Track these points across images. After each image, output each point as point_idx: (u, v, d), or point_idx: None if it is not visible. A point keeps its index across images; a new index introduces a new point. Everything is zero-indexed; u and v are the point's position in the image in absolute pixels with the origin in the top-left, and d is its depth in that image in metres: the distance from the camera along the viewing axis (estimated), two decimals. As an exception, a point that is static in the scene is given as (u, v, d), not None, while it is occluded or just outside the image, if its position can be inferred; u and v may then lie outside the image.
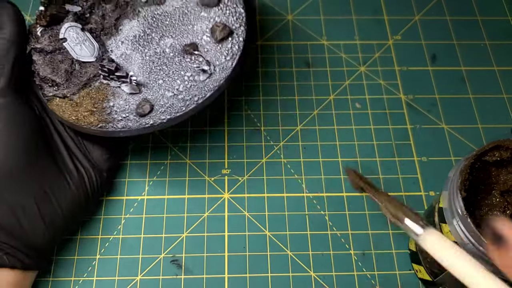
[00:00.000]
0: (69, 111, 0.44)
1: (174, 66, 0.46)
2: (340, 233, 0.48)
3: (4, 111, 0.41)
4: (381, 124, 0.54)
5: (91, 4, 0.48)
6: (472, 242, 0.35)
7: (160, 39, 0.47)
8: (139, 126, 0.43)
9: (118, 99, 0.44)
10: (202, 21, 0.48)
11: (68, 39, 0.46)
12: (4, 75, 0.42)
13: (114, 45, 0.47)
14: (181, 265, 0.46)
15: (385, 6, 0.63)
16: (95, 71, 0.45)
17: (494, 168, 0.41)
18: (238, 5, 0.48)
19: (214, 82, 0.44)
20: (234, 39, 0.46)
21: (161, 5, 0.49)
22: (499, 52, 0.59)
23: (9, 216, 0.40)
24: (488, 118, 0.55)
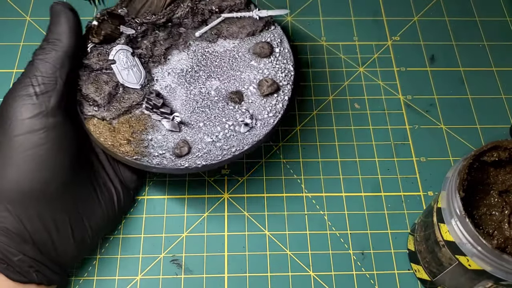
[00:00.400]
0: (106, 135, 0.43)
1: (216, 111, 0.45)
2: (339, 232, 0.49)
3: (54, 131, 0.40)
4: (380, 125, 0.55)
5: (145, 29, 0.47)
6: (470, 242, 0.35)
7: (206, 79, 0.46)
8: (174, 166, 0.42)
9: (157, 133, 0.44)
10: (251, 70, 0.47)
11: (117, 61, 0.45)
12: (56, 93, 0.40)
13: (160, 74, 0.46)
14: (181, 264, 0.47)
15: (384, 7, 0.63)
16: (138, 98, 0.44)
17: (493, 168, 0.41)
18: (289, 62, 0.47)
19: (254, 136, 0.44)
20: (280, 96, 0.46)
21: (213, 44, 0.48)
22: (497, 52, 0.60)
23: (43, 233, 0.40)
24: (487, 118, 0.55)
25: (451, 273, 0.39)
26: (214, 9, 0.48)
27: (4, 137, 0.39)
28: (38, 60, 0.41)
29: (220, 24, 0.48)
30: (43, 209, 0.40)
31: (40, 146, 0.39)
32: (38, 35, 0.59)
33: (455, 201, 0.36)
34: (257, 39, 0.48)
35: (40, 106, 0.39)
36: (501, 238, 0.39)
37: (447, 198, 0.38)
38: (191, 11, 0.48)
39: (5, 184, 0.38)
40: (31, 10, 0.61)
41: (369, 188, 0.51)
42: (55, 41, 0.41)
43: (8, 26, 0.60)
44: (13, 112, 0.39)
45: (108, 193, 0.45)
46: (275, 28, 0.49)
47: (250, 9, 0.49)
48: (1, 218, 0.39)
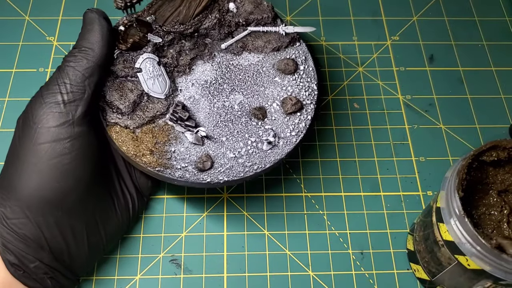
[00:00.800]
0: (128, 143, 0.42)
1: (239, 126, 0.45)
2: (338, 232, 0.49)
3: (79, 140, 0.39)
4: (379, 124, 0.55)
5: (172, 39, 0.46)
6: (470, 242, 0.35)
7: (230, 92, 0.46)
8: (196, 180, 0.42)
9: (179, 145, 0.43)
10: (275, 86, 0.46)
11: (144, 70, 0.44)
12: (83, 102, 0.40)
13: (184, 84, 0.46)
14: (180, 264, 0.47)
15: (383, 7, 0.63)
16: (162, 108, 0.44)
17: (492, 168, 0.41)
18: (313, 80, 0.47)
19: (276, 154, 0.44)
20: (303, 115, 0.45)
21: (238, 56, 0.48)
22: (496, 52, 0.60)
23: (60, 240, 0.40)
24: (486, 118, 0.55)
25: (450, 272, 0.40)
26: (241, 22, 0.48)
27: (29, 143, 0.39)
28: (68, 67, 0.40)
29: (246, 37, 0.48)
30: (62, 217, 0.40)
31: (65, 155, 0.39)
32: (37, 35, 0.59)
33: (454, 201, 0.36)
34: (282, 55, 0.48)
35: (67, 115, 0.39)
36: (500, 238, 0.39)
37: (446, 198, 0.38)
38: (218, 22, 0.47)
39: (27, 191, 0.38)
40: (30, 10, 0.61)
41: (369, 188, 0.51)
42: (87, 50, 0.41)
43: (7, 26, 0.59)
44: (39, 119, 0.39)
45: (124, 201, 0.45)
46: (300, 45, 0.48)
47: (277, 24, 0.48)
48: (20, 225, 0.38)
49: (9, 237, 0.38)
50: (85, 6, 0.61)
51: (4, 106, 0.54)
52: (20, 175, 0.38)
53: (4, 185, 0.39)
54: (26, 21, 0.60)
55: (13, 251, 0.38)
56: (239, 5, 0.48)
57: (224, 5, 0.48)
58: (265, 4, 0.48)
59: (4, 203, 0.39)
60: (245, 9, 0.48)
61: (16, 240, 0.38)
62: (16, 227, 0.38)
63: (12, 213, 0.38)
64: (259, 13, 0.48)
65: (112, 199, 0.44)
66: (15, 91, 0.55)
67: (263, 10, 0.48)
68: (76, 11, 0.61)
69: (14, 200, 0.38)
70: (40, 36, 0.59)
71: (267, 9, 0.48)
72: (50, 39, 0.59)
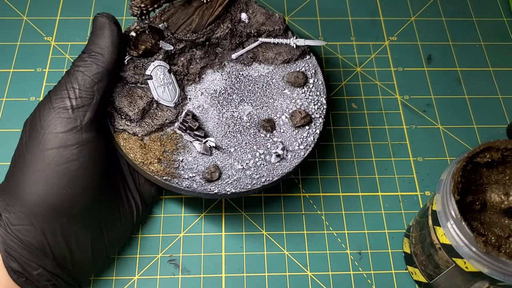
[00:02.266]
0: (136, 151, 0.42)
1: (248, 137, 0.44)
2: (336, 232, 0.49)
3: (87, 146, 0.39)
4: (377, 125, 0.55)
5: (183, 47, 0.46)
6: (467, 245, 0.35)
7: (239, 103, 0.46)
8: (203, 190, 0.42)
9: (187, 154, 0.43)
10: (284, 98, 0.46)
11: (154, 77, 0.44)
12: (92, 108, 0.39)
13: (193, 93, 0.46)
14: (179, 264, 0.47)
15: (381, 7, 0.63)
16: (171, 117, 0.44)
17: (485, 169, 0.41)
18: (322, 94, 0.47)
19: (284, 168, 0.43)
20: (311, 129, 0.45)
21: (248, 67, 0.47)
22: (494, 53, 0.60)
23: (63, 247, 0.40)
24: (484, 118, 0.55)
25: (447, 275, 0.40)
26: (252, 33, 0.47)
27: (36, 148, 0.38)
28: (77, 72, 0.40)
29: (256, 48, 0.48)
30: (68, 224, 0.39)
31: (73, 161, 0.38)
32: (35, 35, 0.59)
33: (450, 204, 0.36)
34: (292, 67, 0.48)
35: (75, 120, 0.39)
36: (493, 238, 0.39)
37: (442, 201, 0.38)
38: (230, 32, 0.47)
39: (33, 198, 0.38)
40: (28, 10, 0.61)
41: (367, 188, 0.51)
42: (97, 55, 0.40)
43: (5, 26, 0.59)
44: (47, 124, 0.38)
45: (128, 208, 0.45)
46: (310, 58, 0.48)
47: (288, 36, 0.48)
48: (25, 232, 0.38)
49: (13, 244, 0.38)
50: (83, 7, 0.62)
51: (1, 106, 0.54)
52: (26, 181, 0.38)
53: (9, 190, 0.39)
54: (24, 21, 0.60)
55: (16, 258, 0.38)
56: (251, 16, 0.48)
57: (236, 15, 0.47)
58: (276, 16, 0.48)
59: (8, 208, 0.38)
60: (257, 20, 0.48)
61: (20, 247, 0.38)
62: (20, 233, 0.38)
63: (17, 220, 0.38)
64: (271, 24, 0.48)
65: (117, 206, 0.44)
66: (13, 91, 0.55)
67: (274, 22, 0.48)
68: (74, 11, 0.61)
69: (19, 206, 0.38)
70: (38, 36, 0.59)
71: (278, 21, 0.48)
72: (48, 39, 0.59)
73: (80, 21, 0.60)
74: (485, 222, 0.41)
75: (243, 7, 0.48)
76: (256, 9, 0.48)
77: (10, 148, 0.51)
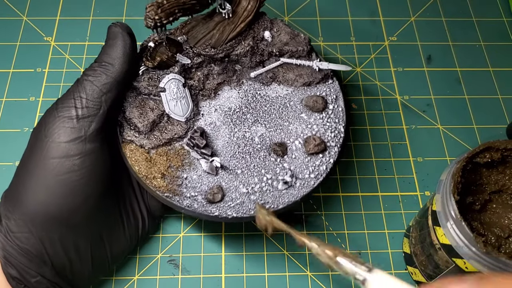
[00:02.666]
0: (141, 164, 0.41)
1: (257, 160, 0.43)
2: (336, 232, 0.49)
3: (90, 157, 0.38)
4: (377, 125, 0.55)
5: (201, 61, 0.44)
6: (467, 245, 0.35)
7: (253, 123, 0.44)
8: (203, 211, 0.40)
9: (192, 172, 0.42)
10: (300, 123, 0.44)
11: (167, 90, 0.42)
12: (98, 118, 0.39)
13: (207, 109, 0.44)
14: (178, 265, 0.47)
15: (381, 7, 0.63)
16: (180, 131, 0.42)
17: (485, 169, 0.41)
18: (341, 122, 0.44)
19: (290, 196, 0.41)
20: (325, 157, 0.43)
21: (266, 87, 0.46)
22: (494, 53, 0.60)
23: (62, 257, 0.39)
24: (483, 118, 0.55)
25: (447, 275, 0.40)
26: (274, 52, 0.46)
27: (39, 156, 0.38)
28: (86, 81, 0.39)
29: (277, 68, 0.46)
30: (67, 233, 0.39)
31: (74, 172, 0.38)
32: (35, 35, 0.59)
33: (450, 204, 0.36)
34: (312, 91, 0.46)
35: (79, 131, 0.38)
36: (493, 238, 0.39)
37: (441, 201, 0.38)
38: (251, 50, 0.45)
39: (33, 206, 0.37)
40: (28, 10, 0.61)
41: (366, 188, 0.51)
42: (107, 65, 0.39)
43: (5, 26, 0.59)
44: (51, 132, 0.38)
45: (134, 220, 0.45)
46: (332, 82, 0.46)
47: (311, 58, 0.46)
48: (23, 239, 0.38)
49: (12, 251, 0.37)
50: (83, 7, 0.62)
51: (1, 106, 0.54)
52: (26, 188, 0.37)
53: (10, 197, 0.38)
54: (24, 21, 0.60)
55: (15, 265, 0.38)
56: (274, 34, 0.46)
57: (259, 32, 0.46)
58: (302, 36, 0.46)
59: (9, 215, 0.38)
60: (281, 39, 0.46)
61: (19, 254, 0.38)
62: (19, 241, 0.38)
63: (16, 227, 0.38)
64: (294, 45, 0.46)
65: (121, 218, 0.44)
66: (12, 91, 0.55)
67: (299, 42, 0.46)
68: (74, 11, 0.61)
69: (19, 213, 0.37)
70: (38, 36, 0.59)
71: (303, 41, 0.46)
72: (47, 39, 0.59)
73: (80, 21, 0.60)
74: (485, 222, 0.41)
75: (268, 25, 0.46)
76: (281, 28, 0.46)
77: (10, 148, 0.52)
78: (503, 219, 0.41)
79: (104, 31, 0.51)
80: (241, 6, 0.45)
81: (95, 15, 0.61)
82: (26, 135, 0.52)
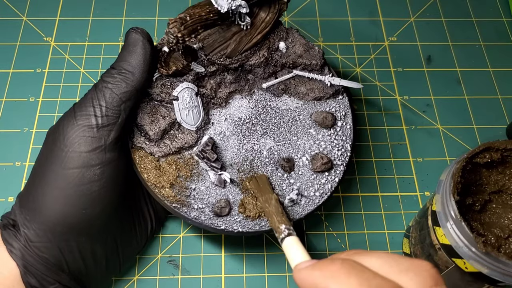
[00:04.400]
0: (150, 172, 0.41)
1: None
2: (336, 233, 0.49)
3: (109, 167, 0.38)
4: (377, 125, 0.55)
5: (215, 70, 0.43)
6: (467, 245, 0.35)
7: (262, 135, 0.44)
8: (210, 224, 0.40)
9: (200, 183, 0.41)
10: (308, 138, 0.44)
11: (180, 99, 0.42)
12: (117, 127, 0.38)
13: (217, 118, 0.44)
14: (178, 265, 0.47)
15: (381, 7, 0.63)
16: (191, 141, 0.42)
17: (485, 169, 0.41)
18: (348, 140, 0.44)
19: (295, 213, 0.42)
20: (331, 176, 0.43)
21: (277, 98, 0.45)
22: (493, 53, 0.60)
23: (80, 263, 0.39)
24: (483, 118, 0.55)
25: (447, 276, 0.40)
26: (287, 63, 0.45)
27: (58, 166, 0.37)
28: (106, 89, 0.38)
29: (289, 80, 0.46)
30: (85, 241, 0.39)
31: (95, 182, 0.37)
32: (35, 35, 0.59)
33: (450, 204, 0.36)
34: (322, 106, 0.45)
35: (100, 140, 0.38)
36: (493, 238, 0.39)
37: (441, 202, 0.38)
38: (265, 61, 0.45)
39: (53, 216, 0.37)
40: (28, 10, 0.61)
41: (366, 188, 0.51)
42: (127, 73, 0.39)
43: (5, 26, 0.59)
44: (71, 142, 0.37)
45: (144, 224, 0.45)
46: (342, 98, 0.46)
47: (324, 72, 0.46)
48: (43, 249, 0.38)
49: (31, 260, 0.37)
50: (83, 7, 0.62)
51: (1, 106, 0.54)
52: (46, 198, 0.37)
53: (29, 206, 0.38)
54: (24, 22, 0.60)
55: (34, 274, 0.37)
56: (289, 45, 0.45)
57: (274, 43, 0.45)
58: (316, 49, 0.46)
59: (28, 224, 0.38)
60: (295, 51, 0.45)
61: (38, 263, 0.37)
62: (39, 250, 0.37)
63: (36, 237, 0.37)
64: (308, 58, 0.45)
65: (133, 222, 0.44)
66: (12, 91, 0.55)
67: (313, 55, 0.45)
68: (73, 11, 0.61)
69: (39, 223, 0.37)
70: (38, 37, 0.59)
71: (317, 55, 0.45)
72: (47, 40, 0.59)
73: (80, 21, 0.60)
74: (484, 222, 0.41)
75: (283, 35, 0.45)
76: (296, 39, 0.46)
77: (10, 148, 0.52)
78: (503, 219, 0.41)
79: (104, 31, 0.51)
80: (260, 17, 0.44)
81: (95, 15, 0.61)
82: (26, 135, 0.52)
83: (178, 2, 0.62)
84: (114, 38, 0.59)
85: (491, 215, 0.41)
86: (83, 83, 0.56)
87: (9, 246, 0.37)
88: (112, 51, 0.58)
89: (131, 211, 0.44)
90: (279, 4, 0.44)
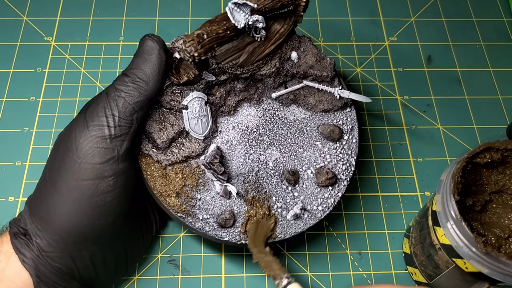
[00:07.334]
0: (156, 180, 0.41)
1: (269, 186, 0.42)
2: (336, 233, 0.49)
3: (122, 177, 0.38)
4: (377, 125, 0.55)
5: (225, 79, 0.43)
6: (467, 245, 0.35)
7: (268, 146, 0.44)
8: (214, 235, 0.41)
9: (206, 193, 0.41)
10: (314, 151, 0.44)
11: (190, 108, 0.41)
12: (129, 136, 0.38)
13: (225, 126, 0.44)
14: (178, 265, 0.47)
15: (381, 7, 0.63)
16: (198, 149, 0.42)
17: (485, 169, 0.41)
18: (353, 154, 0.44)
19: (298, 227, 0.42)
20: (334, 190, 0.43)
21: (285, 108, 0.45)
22: (494, 53, 0.60)
23: (91, 270, 0.40)
24: (483, 118, 0.55)
25: (447, 275, 0.40)
26: (299, 73, 0.45)
27: (71, 177, 0.37)
28: (119, 98, 0.37)
29: (298, 90, 0.45)
30: (96, 249, 0.39)
31: (108, 193, 0.37)
32: (35, 35, 0.59)
33: (450, 204, 0.36)
34: (330, 118, 0.45)
35: (113, 151, 0.37)
36: (493, 238, 0.39)
37: (442, 202, 0.38)
38: (277, 71, 0.44)
39: (65, 226, 0.37)
40: (28, 10, 0.61)
41: (366, 188, 0.51)
42: (140, 82, 0.38)
43: (5, 26, 0.59)
44: (84, 153, 0.37)
45: (149, 227, 0.45)
46: (350, 111, 0.46)
47: (333, 84, 0.45)
48: (56, 258, 0.38)
49: (44, 270, 0.37)
50: (83, 7, 0.62)
51: (2, 106, 0.54)
52: (59, 209, 0.37)
53: (40, 215, 0.38)
54: (24, 21, 0.60)
55: (47, 283, 0.37)
56: (301, 55, 0.45)
57: (286, 53, 0.44)
58: (328, 60, 0.45)
59: (40, 234, 0.37)
60: (306, 61, 0.45)
61: (51, 273, 0.37)
62: (51, 259, 0.37)
63: (48, 246, 0.37)
64: (319, 69, 0.44)
65: (141, 228, 0.44)
66: (13, 91, 0.55)
67: (324, 66, 0.45)
68: (74, 11, 0.61)
69: (51, 233, 0.37)
70: (38, 36, 0.59)
71: (328, 66, 0.45)
72: (48, 39, 0.59)
73: (80, 21, 0.60)
74: (485, 222, 0.41)
75: (296, 45, 0.45)
76: (308, 48, 0.45)
77: (10, 148, 0.52)
78: (503, 220, 0.41)
79: (104, 31, 0.51)
80: (274, 28, 0.43)
81: (95, 15, 0.61)
82: (26, 135, 0.52)
83: (178, 2, 0.62)
84: (114, 38, 0.59)
85: (492, 215, 0.41)
86: (83, 83, 0.56)
87: (21, 256, 0.37)
88: (113, 50, 0.58)
89: (139, 216, 0.44)
90: (295, 16, 0.44)
